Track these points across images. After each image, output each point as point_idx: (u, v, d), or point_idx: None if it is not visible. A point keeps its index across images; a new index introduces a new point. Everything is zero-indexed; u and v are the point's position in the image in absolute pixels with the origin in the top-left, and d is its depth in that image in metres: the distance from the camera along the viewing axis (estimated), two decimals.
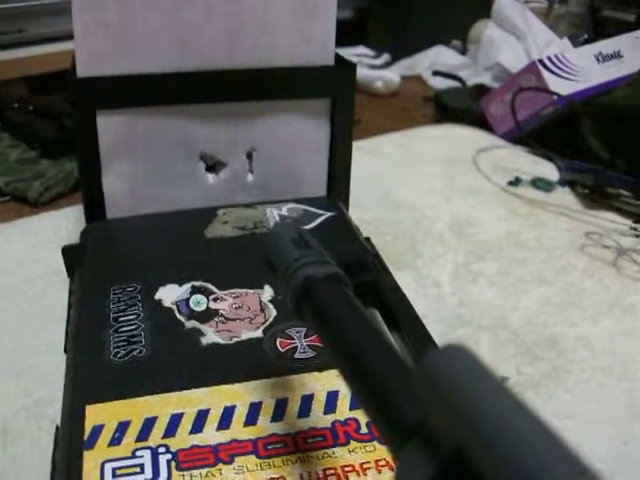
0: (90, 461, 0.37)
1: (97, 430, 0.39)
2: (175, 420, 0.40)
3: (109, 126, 0.62)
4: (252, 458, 0.38)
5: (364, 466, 0.38)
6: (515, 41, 1.38)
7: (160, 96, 0.62)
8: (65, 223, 0.77)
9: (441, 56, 1.50)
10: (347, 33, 0.91)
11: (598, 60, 1.07)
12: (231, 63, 0.62)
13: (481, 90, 1.24)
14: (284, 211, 0.63)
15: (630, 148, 0.93)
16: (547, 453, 0.17)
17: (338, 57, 0.66)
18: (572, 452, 0.18)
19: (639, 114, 0.93)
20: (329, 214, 0.63)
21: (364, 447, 0.39)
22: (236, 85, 0.63)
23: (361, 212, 0.77)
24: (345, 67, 0.66)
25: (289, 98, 0.66)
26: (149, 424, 0.40)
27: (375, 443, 0.39)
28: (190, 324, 0.48)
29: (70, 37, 0.59)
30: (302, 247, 0.37)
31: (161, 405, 0.41)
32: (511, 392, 0.20)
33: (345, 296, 0.34)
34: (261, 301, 0.51)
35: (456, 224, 0.81)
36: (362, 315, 0.32)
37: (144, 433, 0.39)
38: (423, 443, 0.22)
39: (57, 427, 0.42)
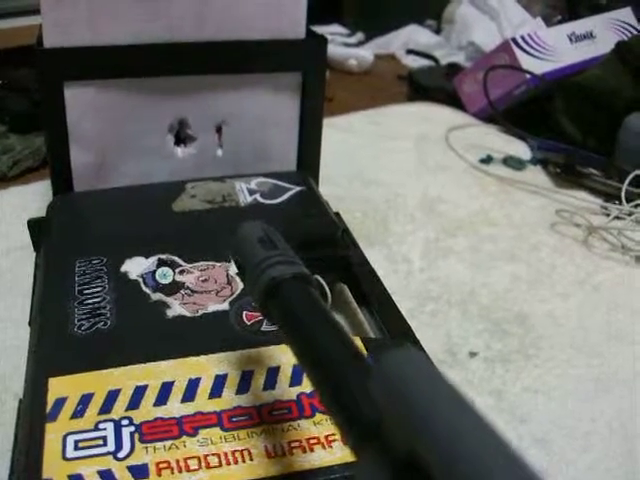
0: (52, 433, 0.37)
1: (60, 402, 0.39)
2: (139, 392, 0.40)
3: (77, 98, 0.61)
4: (216, 430, 0.38)
5: (329, 438, 0.38)
6: (489, 20, 1.37)
7: (128, 68, 0.61)
8: (34, 197, 0.76)
9: (415, 35, 1.50)
10: (321, 11, 0.90)
11: (571, 40, 1.07)
12: (201, 35, 0.62)
13: (455, 69, 1.23)
14: (253, 185, 0.62)
15: (601, 128, 0.93)
16: (494, 461, 0.18)
17: (309, 31, 0.65)
18: (519, 458, 0.18)
19: (610, 94, 0.93)
20: (298, 188, 0.63)
21: (329, 419, 0.39)
22: (206, 58, 0.63)
23: (332, 188, 0.76)
24: (316, 41, 0.66)
25: (259, 71, 0.65)
26: (112, 396, 0.39)
27: None
28: (156, 296, 0.48)
29: (39, 11, 0.58)
30: (269, 247, 0.36)
31: (125, 377, 0.41)
32: (462, 397, 0.20)
33: (310, 296, 0.34)
34: (228, 274, 0.51)
35: (427, 201, 0.81)
36: (326, 315, 0.32)
37: (107, 405, 0.39)
38: (380, 446, 0.22)
39: (20, 400, 0.42)
